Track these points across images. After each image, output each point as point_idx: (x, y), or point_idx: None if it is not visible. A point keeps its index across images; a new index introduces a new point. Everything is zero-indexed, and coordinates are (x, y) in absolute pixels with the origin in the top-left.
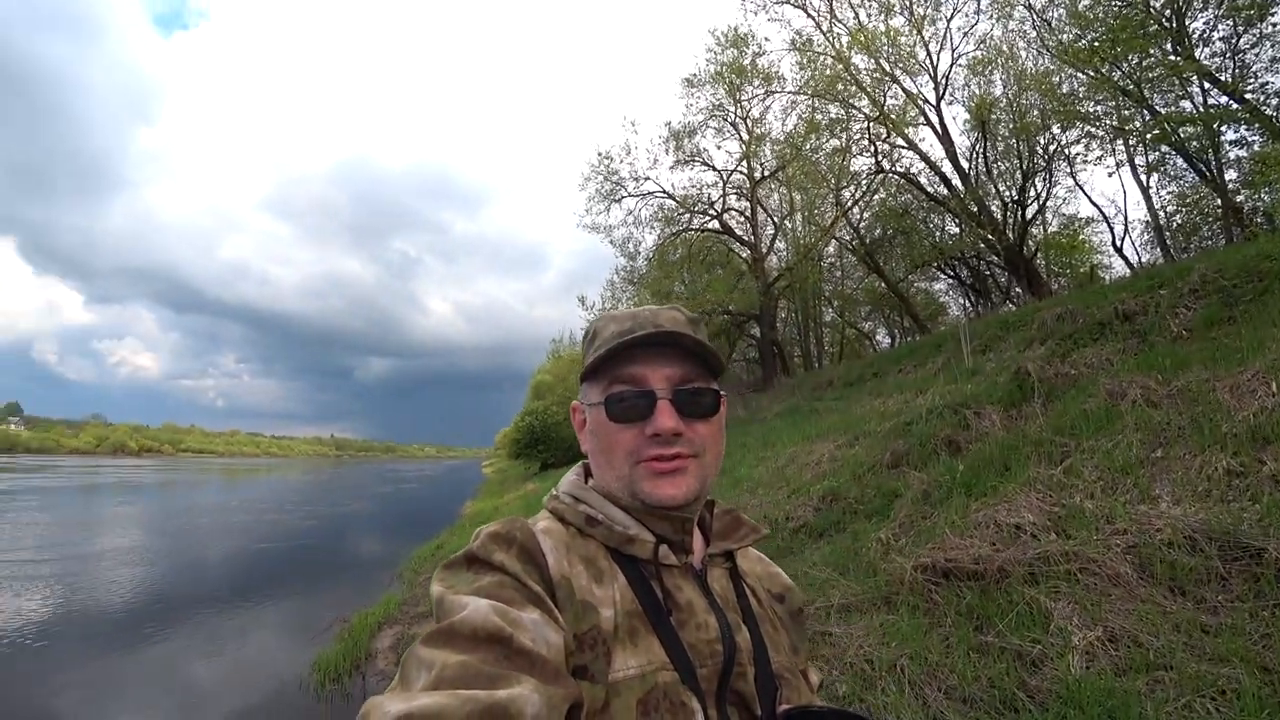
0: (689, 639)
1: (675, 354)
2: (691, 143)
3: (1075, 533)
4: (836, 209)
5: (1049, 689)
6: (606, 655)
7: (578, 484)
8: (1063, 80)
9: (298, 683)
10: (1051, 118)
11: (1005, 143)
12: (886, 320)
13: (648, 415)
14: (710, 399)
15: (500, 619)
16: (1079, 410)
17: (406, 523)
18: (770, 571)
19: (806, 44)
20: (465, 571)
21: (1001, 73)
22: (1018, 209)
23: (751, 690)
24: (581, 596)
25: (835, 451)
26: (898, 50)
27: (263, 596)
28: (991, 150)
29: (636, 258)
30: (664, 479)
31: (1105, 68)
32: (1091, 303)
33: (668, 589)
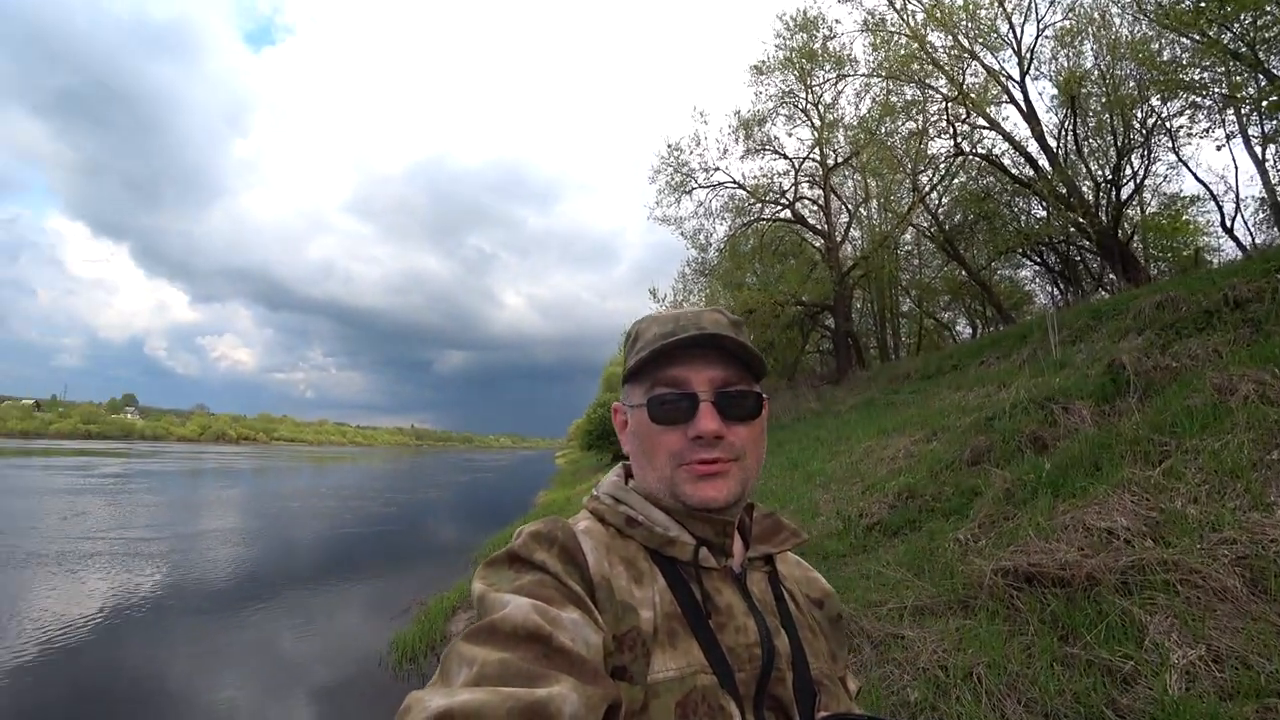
0: (728, 642)
1: (717, 356)
2: (762, 131)
3: (1175, 540)
4: (914, 195)
5: (1142, 709)
6: (646, 656)
7: (618, 485)
8: (1163, 46)
9: (377, 660)
10: (1150, 88)
11: (1097, 118)
12: (967, 310)
13: (690, 418)
14: (752, 402)
15: (540, 618)
16: (1181, 406)
17: (482, 511)
18: (809, 576)
19: (879, 24)
20: (507, 570)
21: (1093, 42)
22: (1112, 189)
23: (790, 695)
24: (621, 597)
25: (912, 447)
26: (977, 25)
27: (347, 577)
28: (1082, 127)
29: (708, 249)
30: (705, 481)
31: (1213, 30)
32: (1197, 289)
33: (707, 591)
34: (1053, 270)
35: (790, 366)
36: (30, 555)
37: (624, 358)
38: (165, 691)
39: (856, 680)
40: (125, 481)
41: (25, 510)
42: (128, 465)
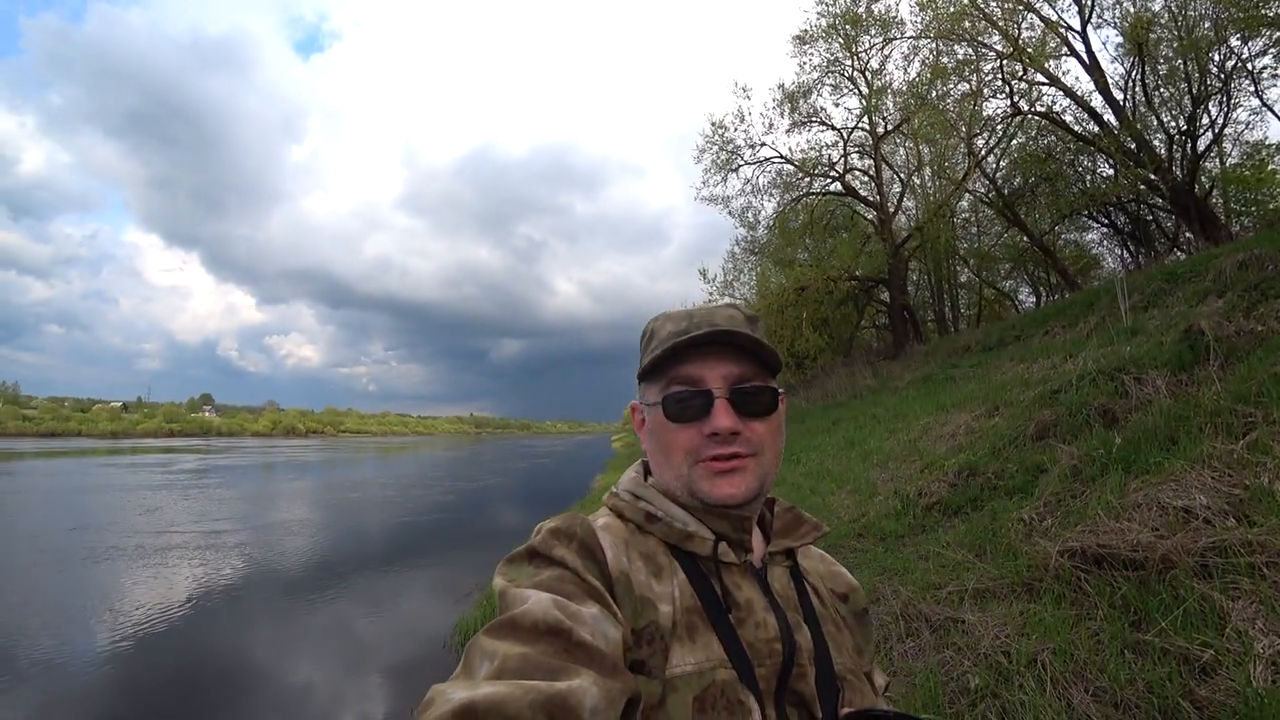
0: (748, 637)
1: (732, 353)
2: (807, 103)
3: (1261, 520)
4: (969, 159)
5: (1221, 701)
6: (664, 651)
7: (637, 481)
8: None
9: (441, 642)
10: (1229, 27)
11: (1169, 65)
12: (1030, 278)
13: (705, 415)
14: (768, 398)
15: (560, 612)
16: (1269, 374)
17: (540, 495)
18: (833, 571)
19: None
20: (527, 565)
21: None
22: (1186, 141)
23: (812, 691)
24: (640, 592)
25: (973, 422)
26: None
27: (413, 563)
28: (1151, 75)
29: (756, 227)
30: (722, 478)
31: None
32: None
33: (727, 587)
34: (1122, 232)
35: (846, 343)
36: (119, 549)
37: (640, 356)
38: (248, 672)
39: (884, 675)
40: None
41: (115, 505)
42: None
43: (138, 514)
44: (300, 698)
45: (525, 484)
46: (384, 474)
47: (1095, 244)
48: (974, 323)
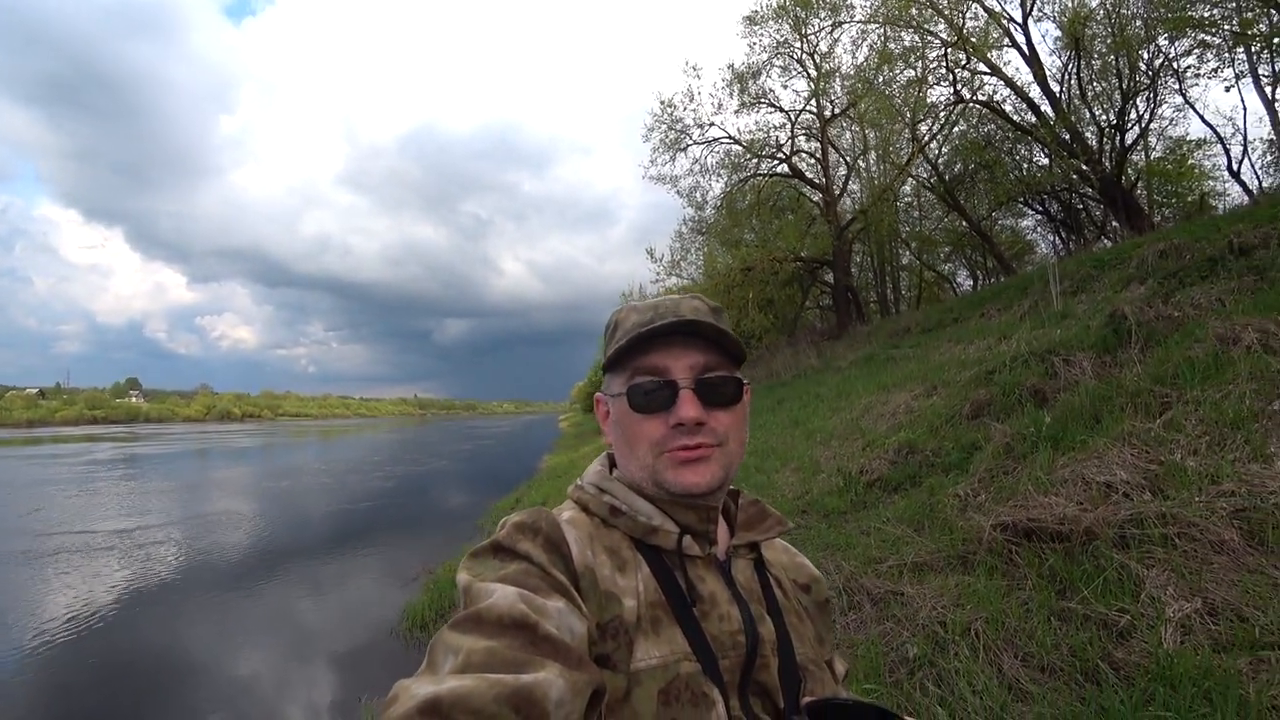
0: (711, 630)
1: (697, 343)
2: (756, 84)
3: (1174, 493)
4: (913, 145)
5: (1136, 663)
6: (628, 645)
7: (602, 474)
8: None
9: (388, 629)
10: (1158, 27)
11: (1102, 60)
12: (968, 261)
13: (670, 405)
14: (733, 387)
15: (526, 606)
16: (1183, 357)
17: (487, 477)
18: (797, 562)
19: None
20: (491, 560)
21: None
22: (1116, 134)
23: (775, 682)
24: (604, 586)
25: (912, 402)
26: None
27: (357, 549)
28: (1086, 70)
29: (704, 207)
30: (687, 467)
31: None
32: (1201, 236)
33: (691, 580)
34: (1055, 219)
35: (790, 323)
36: (34, 551)
37: (604, 348)
38: (186, 666)
39: (845, 663)
40: (130, 466)
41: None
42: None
43: (56, 510)
44: (242, 692)
45: (471, 466)
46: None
47: (1030, 230)
48: (914, 304)
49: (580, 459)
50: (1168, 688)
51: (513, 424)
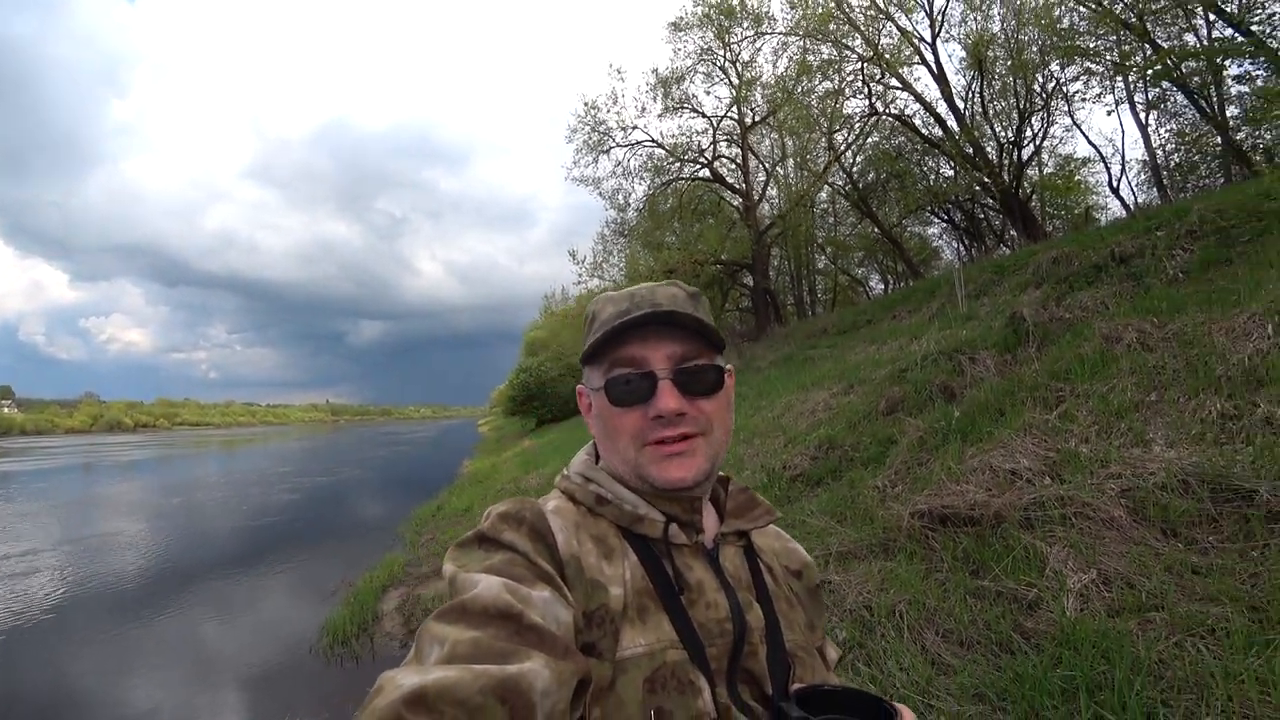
0: (699, 618)
1: (675, 332)
2: (680, 89)
3: (1070, 477)
4: (829, 153)
5: (1044, 631)
6: (614, 633)
7: (588, 464)
8: (1063, 14)
9: (307, 647)
10: (1051, 54)
11: (1002, 81)
12: (880, 266)
13: (649, 397)
14: (713, 375)
15: (511, 596)
16: (1074, 354)
17: (406, 484)
18: (789, 548)
19: None
20: (476, 550)
21: (1000, 7)
22: (1014, 150)
23: (763, 669)
24: (590, 575)
25: (831, 400)
26: None
27: (268, 564)
28: (988, 89)
29: (627, 209)
30: (671, 461)
31: (1107, 0)
32: (1087, 245)
33: (678, 568)
34: (959, 227)
35: None
36: None
37: (583, 339)
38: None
39: (837, 649)
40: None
41: None
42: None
43: None
44: None
45: (388, 473)
46: (228, 471)
47: (936, 237)
48: (830, 307)
49: (502, 464)
50: (1072, 651)
51: (430, 429)
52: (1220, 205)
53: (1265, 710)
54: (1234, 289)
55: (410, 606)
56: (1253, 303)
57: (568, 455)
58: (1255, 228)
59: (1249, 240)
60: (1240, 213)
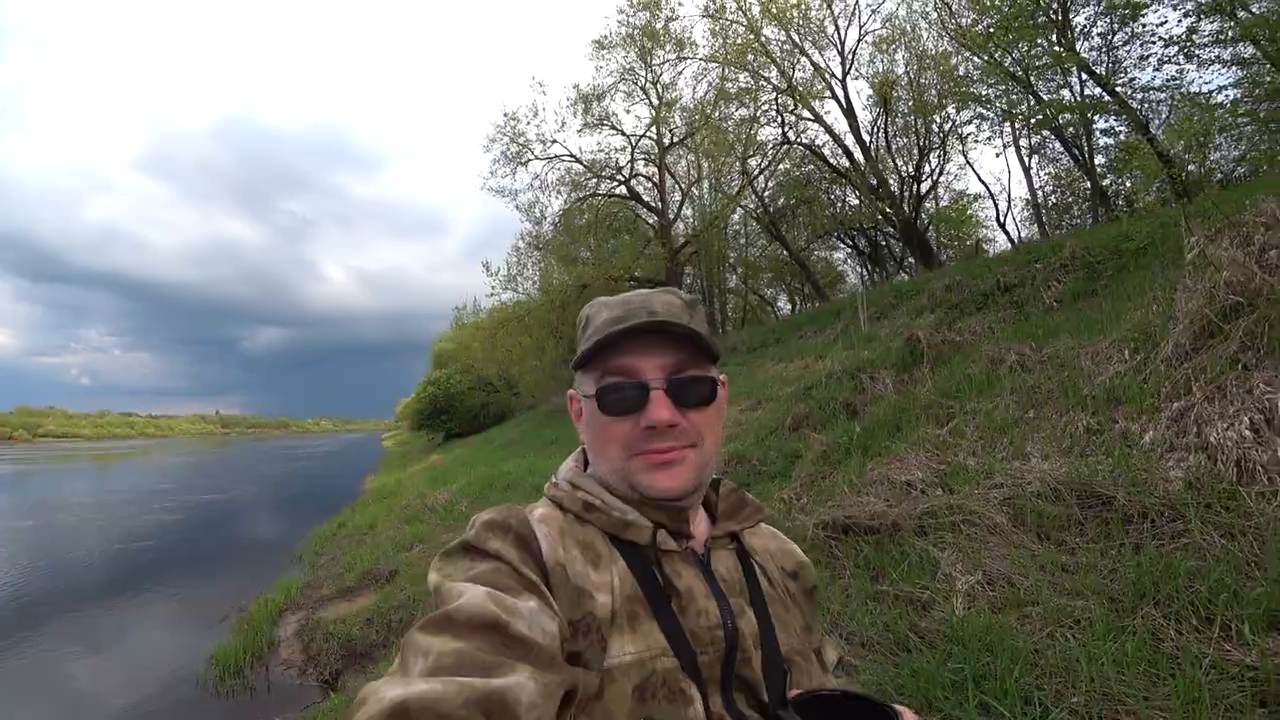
0: (690, 625)
1: (669, 341)
2: (601, 106)
3: (959, 488)
4: (743, 178)
5: (936, 630)
6: (601, 642)
7: (576, 470)
8: (959, 63)
9: (193, 679)
10: (948, 98)
11: (905, 119)
12: (788, 287)
13: (641, 407)
14: (706, 387)
15: (496, 606)
16: (964, 375)
17: (304, 502)
18: (785, 549)
19: (720, 10)
20: (462, 559)
21: (904, 51)
22: (913, 183)
23: (758, 676)
24: (576, 583)
25: (740, 415)
26: (808, 23)
27: (148, 591)
28: (892, 126)
29: (542, 223)
30: (661, 470)
31: (998, 53)
32: (976, 274)
33: (667, 575)
34: (863, 253)
35: None
36: None
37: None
38: None
39: (836, 650)
40: None
41: None
42: None
43: None
44: None
45: (284, 491)
46: (98, 489)
47: (841, 262)
48: (740, 325)
49: (408, 479)
50: (961, 646)
51: (332, 443)
52: (1089, 243)
53: (1120, 687)
54: (1099, 318)
55: (310, 631)
56: (1113, 331)
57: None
58: (1117, 264)
59: (1112, 275)
60: (1105, 250)
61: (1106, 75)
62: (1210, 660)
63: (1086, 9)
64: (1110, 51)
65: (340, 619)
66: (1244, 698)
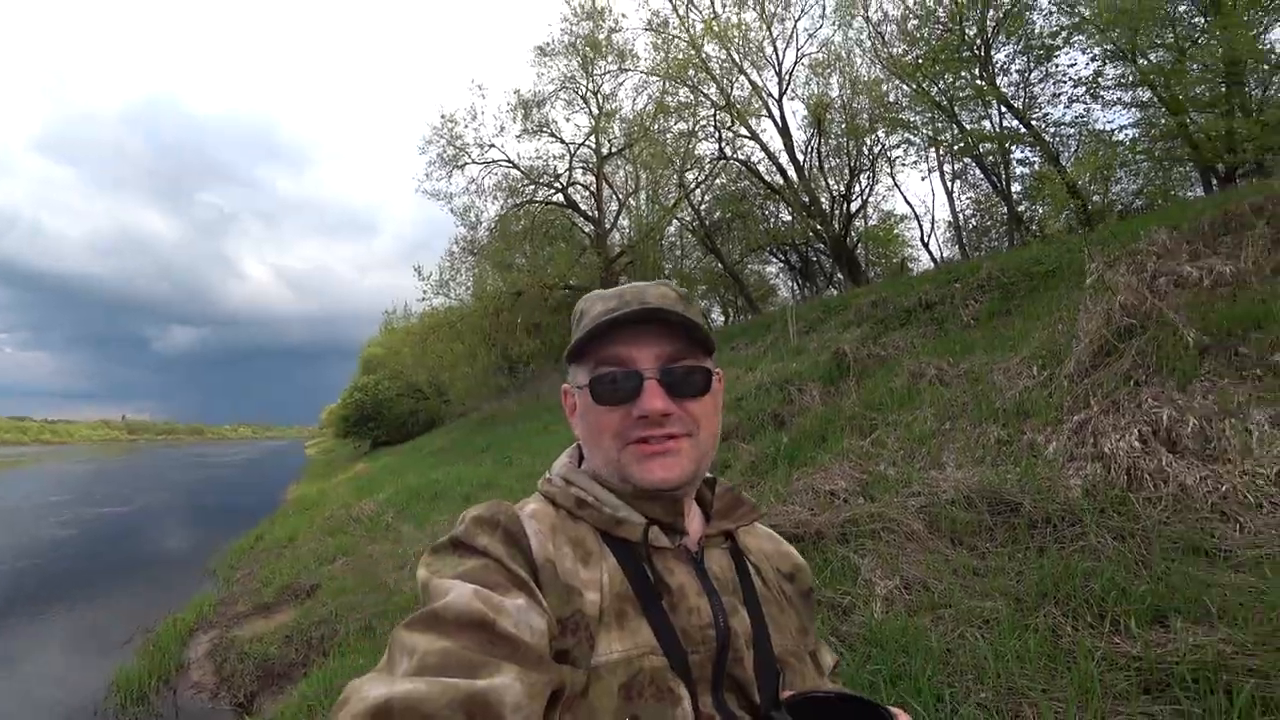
0: (680, 624)
1: (664, 331)
2: (541, 113)
3: (880, 496)
4: (679, 190)
5: (857, 633)
6: (589, 640)
7: (570, 467)
8: (890, 90)
9: (92, 708)
10: (878, 122)
11: (837, 140)
12: (721, 300)
13: (634, 396)
14: (701, 377)
15: (483, 604)
16: (886, 388)
17: (219, 513)
18: (781, 550)
19: (663, 25)
20: (451, 555)
21: (839, 76)
22: (844, 202)
23: (749, 676)
24: (565, 579)
25: None
26: (748, 43)
27: (39, 614)
28: (825, 146)
29: (478, 228)
30: (654, 460)
31: (926, 83)
32: (901, 291)
33: (658, 572)
34: (794, 268)
35: (558, 349)
36: None
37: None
38: None
39: (833, 654)
40: None
41: None
42: None
43: None
44: None
45: (197, 501)
46: None
47: (773, 276)
48: None
49: (333, 489)
50: (879, 648)
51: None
52: (1004, 265)
53: (1023, 681)
54: (1011, 336)
55: (224, 651)
56: (1024, 348)
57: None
58: (1029, 285)
59: (1024, 296)
60: (1018, 272)
61: (1023, 109)
62: (1102, 653)
63: (1006, 47)
64: (1027, 88)
65: (257, 637)
66: (1130, 686)
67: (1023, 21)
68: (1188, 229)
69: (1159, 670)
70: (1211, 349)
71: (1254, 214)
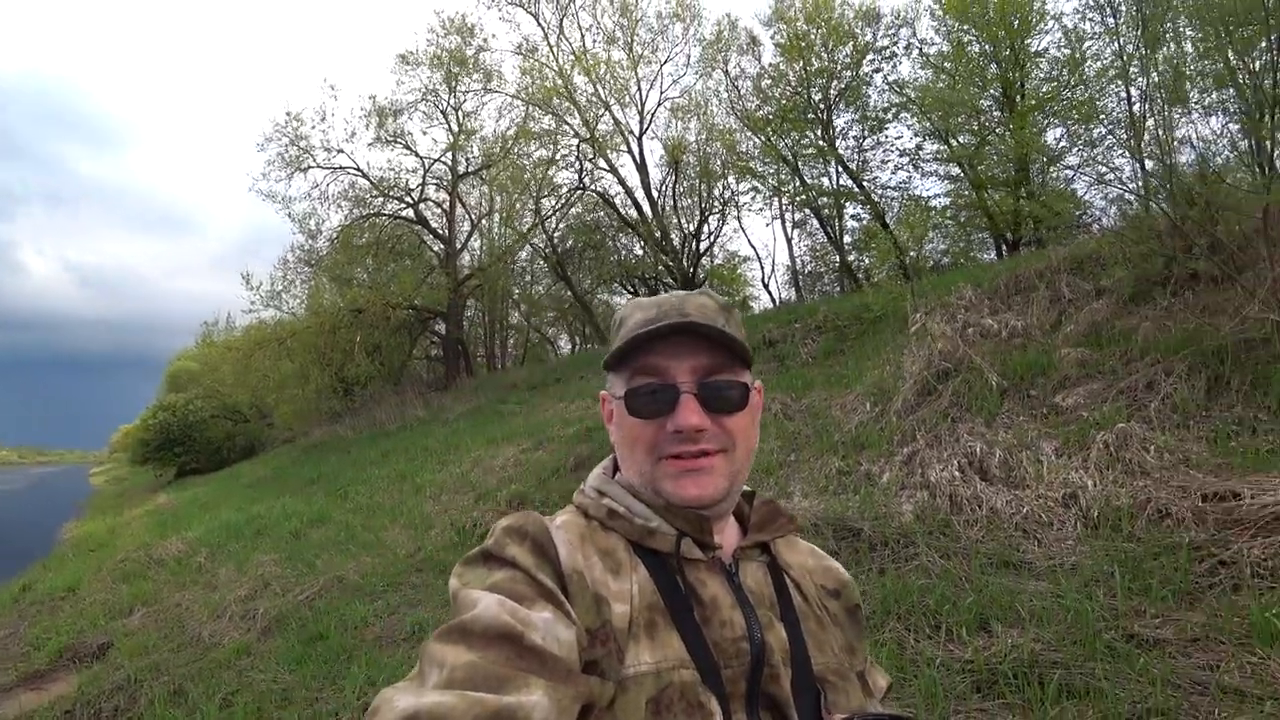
0: (713, 637)
1: (702, 344)
2: (396, 123)
3: None
4: (535, 216)
5: None
6: (618, 651)
7: (603, 478)
8: (742, 140)
9: None
10: (729, 169)
11: (691, 182)
12: (570, 328)
13: (669, 410)
14: (739, 392)
15: (510, 617)
16: None
17: None
18: (825, 565)
19: (532, 51)
20: (480, 567)
21: (697, 121)
22: (694, 240)
23: (786, 695)
24: (594, 590)
25: (520, 455)
26: (614, 80)
27: None
28: (679, 186)
29: (317, 237)
30: (688, 477)
31: (774, 138)
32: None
33: (690, 584)
34: None
35: (397, 372)
36: None
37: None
38: None
39: (886, 676)
40: None
41: None
42: None
43: None
44: None
45: None
46: None
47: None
48: (520, 362)
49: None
50: None
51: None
52: (837, 309)
53: None
54: (845, 374)
55: None
56: (857, 385)
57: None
58: (859, 328)
59: (855, 337)
60: (850, 316)
61: (857, 170)
62: (941, 660)
63: (846, 114)
64: (861, 152)
65: (24, 715)
66: (966, 688)
67: (860, 94)
68: (988, 287)
69: (986, 670)
70: (1010, 391)
71: (1037, 279)
